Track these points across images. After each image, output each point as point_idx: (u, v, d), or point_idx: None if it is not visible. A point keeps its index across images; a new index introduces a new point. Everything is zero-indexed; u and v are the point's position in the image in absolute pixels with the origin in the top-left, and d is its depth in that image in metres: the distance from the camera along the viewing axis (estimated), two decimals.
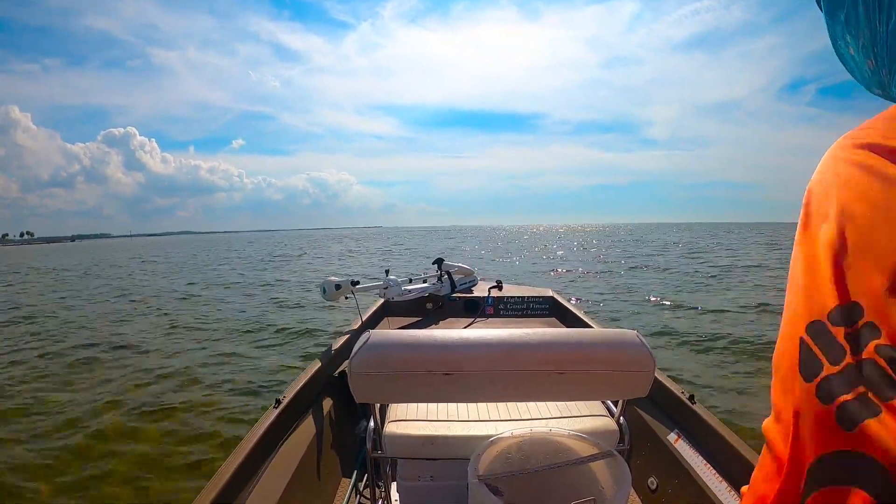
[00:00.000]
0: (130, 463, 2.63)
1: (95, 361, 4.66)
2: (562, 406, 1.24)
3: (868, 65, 0.30)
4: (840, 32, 0.31)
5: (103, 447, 2.82)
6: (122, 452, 2.74)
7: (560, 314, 2.68)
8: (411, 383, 0.90)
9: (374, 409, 1.09)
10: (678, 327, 5.51)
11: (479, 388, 0.91)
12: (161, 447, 2.81)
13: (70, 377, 4.19)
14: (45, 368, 4.47)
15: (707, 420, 1.28)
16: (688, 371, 3.95)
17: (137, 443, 2.87)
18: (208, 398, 3.53)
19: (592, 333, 0.94)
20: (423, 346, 0.88)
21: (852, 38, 0.30)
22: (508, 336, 0.89)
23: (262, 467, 1.18)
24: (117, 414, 3.28)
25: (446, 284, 2.70)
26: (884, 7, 0.26)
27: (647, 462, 1.44)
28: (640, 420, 1.51)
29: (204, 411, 3.29)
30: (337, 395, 1.72)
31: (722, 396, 3.40)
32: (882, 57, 0.28)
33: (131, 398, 3.56)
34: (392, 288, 2.35)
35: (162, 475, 2.49)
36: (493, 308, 2.75)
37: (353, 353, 0.88)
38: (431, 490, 1.19)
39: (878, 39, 0.28)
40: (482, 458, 0.92)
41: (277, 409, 1.33)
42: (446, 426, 1.15)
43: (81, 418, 3.24)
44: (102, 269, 19.51)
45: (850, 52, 0.31)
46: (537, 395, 1.05)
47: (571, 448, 0.98)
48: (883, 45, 0.28)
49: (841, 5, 0.30)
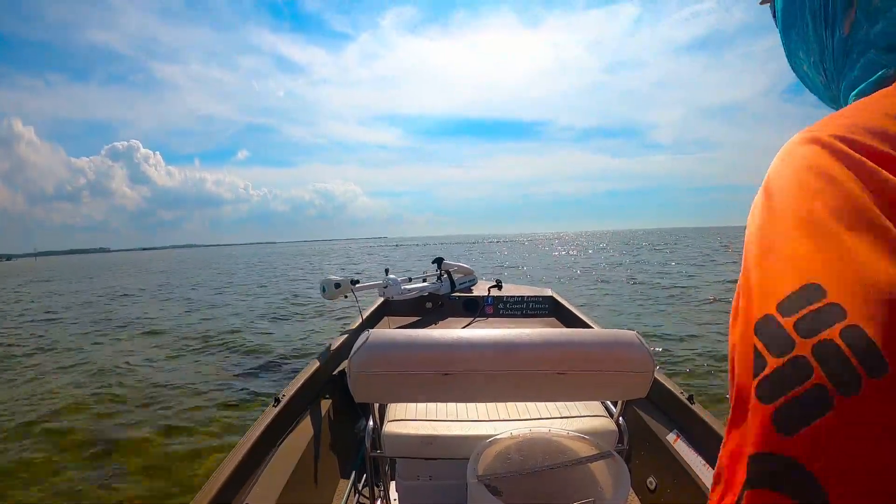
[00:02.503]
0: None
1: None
2: (561, 406, 1.24)
3: (820, 81, 0.31)
4: (794, 49, 0.32)
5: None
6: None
7: (560, 314, 2.68)
8: (411, 383, 0.89)
9: (374, 409, 1.09)
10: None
11: (479, 388, 0.91)
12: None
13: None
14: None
15: (706, 420, 1.28)
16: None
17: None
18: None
19: (592, 334, 0.94)
20: (422, 345, 0.88)
21: (805, 54, 0.31)
22: (508, 336, 0.89)
23: (261, 466, 1.18)
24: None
25: (446, 283, 2.70)
26: (828, 23, 0.28)
27: (647, 462, 1.44)
28: (639, 420, 1.51)
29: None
30: (336, 394, 1.72)
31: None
32: (831, 72, 0.30)
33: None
34: (392, 287, 2.35)
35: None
36: (493, 307, 2.76)
37: (353, 353, 0.87)
38: (430, 490, 1.19)
39: (826, 55, 0.29)
40: (481, 457, 0.92)
41: (277, 409, 1.33)
42: (445, 426, 1.15)
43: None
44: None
45: (804, 69, 0.33)
46: (536, 395, 1.05)
47: (571, 448, 0.98)
48: (830, 59, 0.29)
49: (793, 23, 0.31)
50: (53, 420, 3.42)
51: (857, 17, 0.26)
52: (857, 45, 0.27)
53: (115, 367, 4.79)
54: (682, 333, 5.38)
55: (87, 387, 4.23)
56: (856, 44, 0.27)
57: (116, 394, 3.97)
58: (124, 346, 6.01)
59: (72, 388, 4.17)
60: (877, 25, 0.26)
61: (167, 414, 3.47)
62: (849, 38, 0.27)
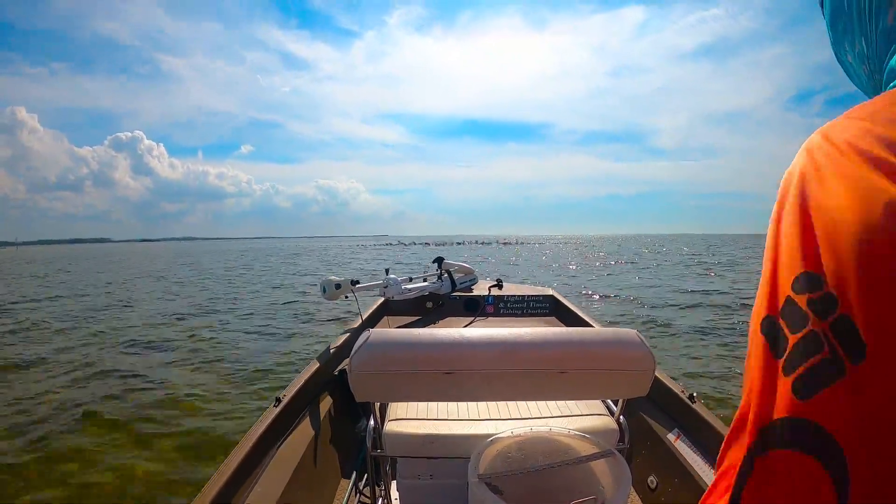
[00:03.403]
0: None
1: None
2: (562, 405, 1.24)
3: (864, 70, 0.32)
4: (840, 41, 0.33)
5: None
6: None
7: (560, 313, 2.68)
8: (411, 382, 0.89)
9: (374, 408, 1.09)
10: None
11: (479, 387, 0.91)
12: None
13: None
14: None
15: (707, 419, 1.28)
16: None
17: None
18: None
19: (592, 332, 0.94)
20: (423, 344, 0.88)
21: (850, 46, 0.32)
22: (509, 335, 0.89)
23: (261, 466, 1.18)
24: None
25: (446, 283, 2.70)
26: (872, 15, 0.29)
27: (647, 461, 1.44)
28: (640, 419, 1.51)
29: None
30: (337, 393, 1.72)
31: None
32: (874, 62, 0.30)
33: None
34: (392, 287, 2.35)
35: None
36: (494, 307, 2.76)
37: (354, 352, 0.87)
38: (431, 489, 1.19)
39: (870, 46, 0.30)
40: (482, 456, 0.92)
41: (277, 408, 1.33)
42: (446, 425, 1.15)
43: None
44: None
45: (848, 60, 0.33)
46: (537, 394, 1.05)
47: (571, 447, 0.98)
48: (874, 50, 0.30)
49: (840, 15, 0.32)
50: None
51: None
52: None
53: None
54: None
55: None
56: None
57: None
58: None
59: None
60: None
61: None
62: (892, 28, 0.28)
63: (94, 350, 5.42)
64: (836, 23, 0.32)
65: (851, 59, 0.33)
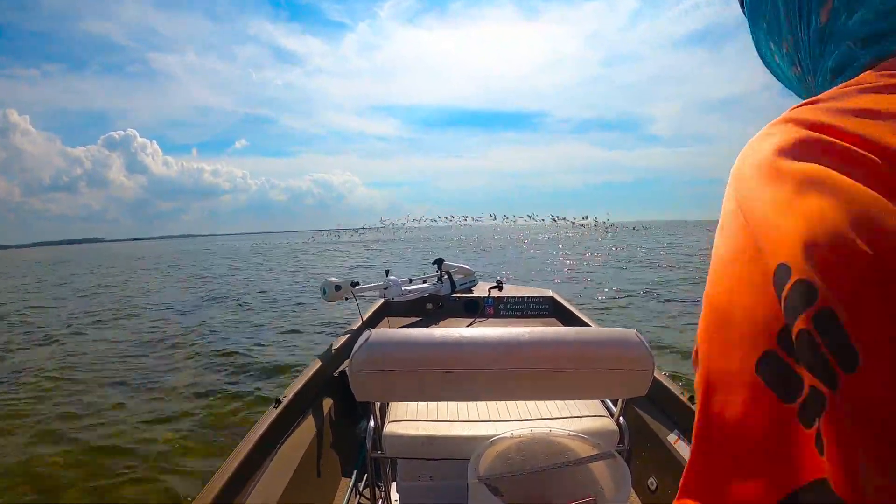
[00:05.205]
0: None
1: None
2: (562, 406, 1.24)
3: (793, 71, 0.30)
4: (764, 39, 0.31)
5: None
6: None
7: (560, 314, 2.68)
8: (411, 382, 0.90)
9: (375, 409, 1.09)
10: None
11: (480, 388, 0.91)
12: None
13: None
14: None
15: None
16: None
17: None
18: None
19: (591, 332, 0.94)
20: (423, 344, 0.88)
21: (776, 45, 0.30)
22: (508, 335, 0.89)
23: (261, 467, 1.18)
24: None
25: (446, 285, 2.70)
26: (804, 14, 0.27)
27: (647, 462, 1.43)
28: (640, 420, 1.51)
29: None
30: (337, 394, 1.72)
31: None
32: (806, 63, 0.28)
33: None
34: (392, 288, 2.35)
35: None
36: (493, 308, 2.76)
37: (354, 352, 0.88)
38: (431, 490, 1.19)
39: (801, 46, 0.28)
40: (482, 458, 0.92)
41: (277, 409, 1.33)
42: (446, 426, 1.15)
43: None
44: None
45: (774, 60, 0.31)
46: (537, 394, 1.05)
47: (571, 448, 0.98)
48: (806, 51, 0.28)
49: (763, 13, 0.30)
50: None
51: (836, 6, 0.25)
52: (833, 36, 0.26)
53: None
54: None
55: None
56: (833, 34, 0.26)
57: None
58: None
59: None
60: (855, 14, 0.24)
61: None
62: (825, 28, 0.26)
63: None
64: (759, 20, 0.30)
65: (778, 58, 0.31)
